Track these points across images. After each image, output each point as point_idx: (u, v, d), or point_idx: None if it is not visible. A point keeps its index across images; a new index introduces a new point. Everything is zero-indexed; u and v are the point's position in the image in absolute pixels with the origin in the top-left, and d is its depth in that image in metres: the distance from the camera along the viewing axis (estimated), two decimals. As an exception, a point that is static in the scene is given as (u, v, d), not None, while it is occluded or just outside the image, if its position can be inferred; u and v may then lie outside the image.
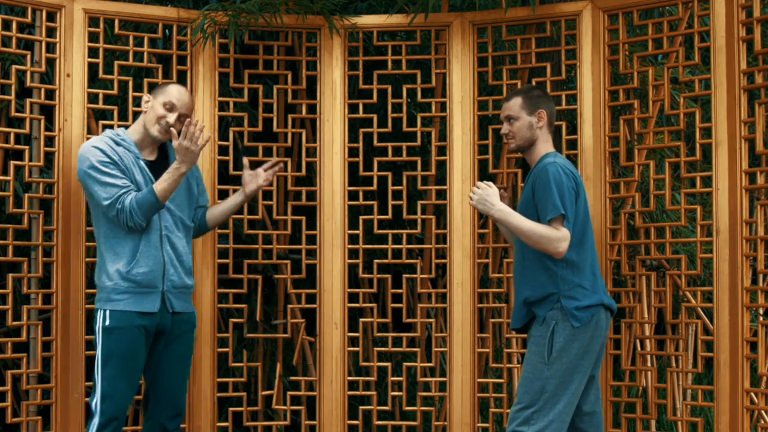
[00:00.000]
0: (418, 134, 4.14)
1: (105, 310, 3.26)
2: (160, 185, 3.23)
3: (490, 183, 3.27)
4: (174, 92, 3.37)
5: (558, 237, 3.11)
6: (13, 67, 3.78)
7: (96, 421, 3.20)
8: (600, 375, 3.42)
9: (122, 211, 3.22)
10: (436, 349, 4.21)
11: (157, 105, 3.35)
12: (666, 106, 3.82)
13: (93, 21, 3.94)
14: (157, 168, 3.37)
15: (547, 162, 3.21)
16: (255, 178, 3.61)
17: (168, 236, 3.36)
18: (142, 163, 3.35)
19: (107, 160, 3.26)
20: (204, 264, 3.93)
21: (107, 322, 3.24)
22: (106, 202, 3.23)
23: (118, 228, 3.28)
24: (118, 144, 3.34)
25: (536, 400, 3.14)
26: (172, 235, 3.37)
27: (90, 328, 3.85)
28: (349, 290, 4.06)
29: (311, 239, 4.15)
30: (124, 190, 3.24)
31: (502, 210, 3.21)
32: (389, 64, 4.14)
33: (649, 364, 3.96)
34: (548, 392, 3.14)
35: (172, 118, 3.34)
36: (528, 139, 3.32)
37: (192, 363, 3.51)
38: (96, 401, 3.22)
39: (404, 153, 4.20)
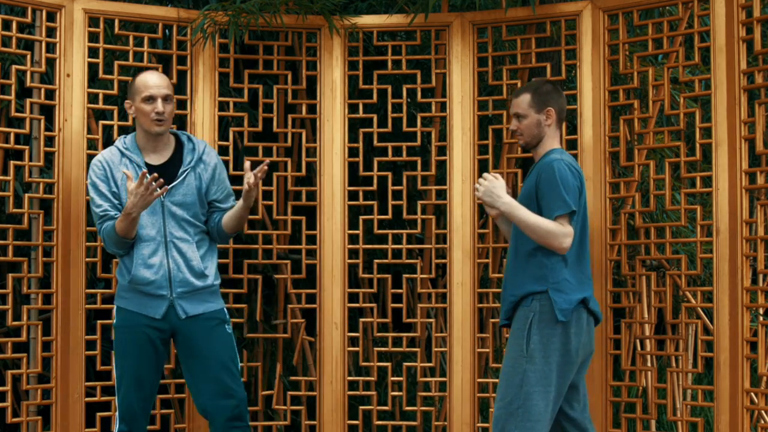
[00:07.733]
0: (418, 134, 4.14)
1: None
2: (117, 225, 3.26)
3: (497, 175, 3.24)
4: (145, 83, 3.35)
5: (564, 233, 3.09)
6: (13, 67, 3.78)
7: None
8: (589, 378, 3.37)
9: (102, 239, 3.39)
10: (436, 349, 4.20)
11: (139, 104, 3.35)
12: (666, 106, 3.82)
13: (93, 21, 3.94)
14: (164, 171, 3.35)
15: (553, 158, 3.17)
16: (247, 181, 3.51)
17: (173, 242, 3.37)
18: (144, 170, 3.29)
19: (102, 177, 3.35)
20: (204, 264, 3.93)
21: None
22: (96, 224, 3.39)
23: None
24: (123, 154, 3.37)
25: (518, 395, 3.10)
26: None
27: (90, 328, 3.85)
28: (349, 290, 4.06)
29: (311, 239, 4.15)
30: (107, 215, 3.33)
31: (508, 203, 3.16)
32: (389, 64, 4.14)
33: (649, 364, 3.96)
34: (528, 386, 3.09)
35: (159, 106, 3.33)
36: (536, 136, 3.27)
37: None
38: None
39: (404, 153, 4.20)
